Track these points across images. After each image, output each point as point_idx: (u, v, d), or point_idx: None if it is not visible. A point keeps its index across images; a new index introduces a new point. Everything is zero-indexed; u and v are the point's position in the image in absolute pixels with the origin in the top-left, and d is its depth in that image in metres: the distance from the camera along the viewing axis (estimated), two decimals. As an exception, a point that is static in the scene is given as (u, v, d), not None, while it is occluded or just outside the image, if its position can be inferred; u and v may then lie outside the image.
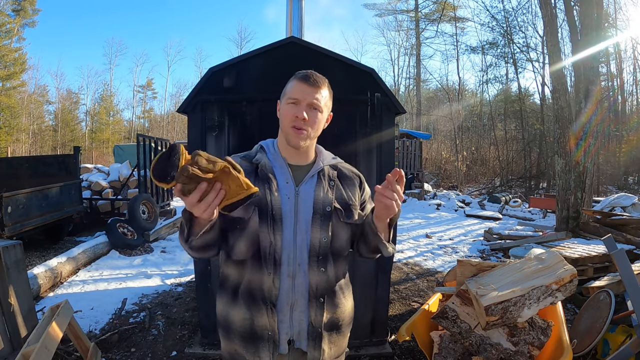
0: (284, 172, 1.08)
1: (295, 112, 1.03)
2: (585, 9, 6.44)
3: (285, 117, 1.05)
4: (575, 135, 6.27)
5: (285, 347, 1.06)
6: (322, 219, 1.05)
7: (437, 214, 9.43)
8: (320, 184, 1.09)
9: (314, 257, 1.05)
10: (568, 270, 1.93)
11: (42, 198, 5.21)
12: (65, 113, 31.05)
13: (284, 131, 1.07)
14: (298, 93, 1.03)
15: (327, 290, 1.08)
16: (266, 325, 1.03)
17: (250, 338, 1.05)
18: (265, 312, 1.03)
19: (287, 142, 1.07)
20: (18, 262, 2.44)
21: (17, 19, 24.65)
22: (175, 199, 10.54)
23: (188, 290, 3.96)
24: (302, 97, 1.03)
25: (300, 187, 1.08)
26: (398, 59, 28.99)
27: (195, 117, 2.48)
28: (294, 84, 1.06)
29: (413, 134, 15.63)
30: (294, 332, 1.07)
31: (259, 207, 1.03)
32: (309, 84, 1.03)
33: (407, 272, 4.77)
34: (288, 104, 1.05)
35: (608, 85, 17.13)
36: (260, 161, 1.09)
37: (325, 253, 1.06)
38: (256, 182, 1.03)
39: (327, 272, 1.07)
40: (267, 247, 1.03)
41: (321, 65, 2.47)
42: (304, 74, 1.05)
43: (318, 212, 1.05)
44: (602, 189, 14.13)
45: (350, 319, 1.18)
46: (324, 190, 1.08)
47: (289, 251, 1.04)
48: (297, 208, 1.06)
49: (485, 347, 1.91)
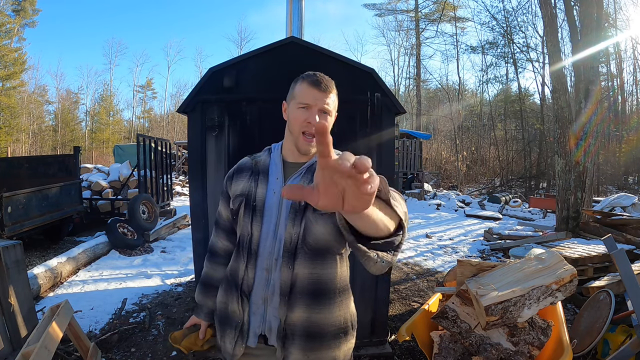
0: (277, 169, 1.10)
1: (306, 118, 1.02)
2: (585, 9, 6.44)
3: (295, 122, 1.04)
4: (575, 135, 6.27)
5: (254, 340, 1.07)
6: (295, 213, 1.03)
7: (437, 214, 9.43)
8: (306, 178, 1.06)
9: (286, 253, 1.02)
10: (568, 270, 1.93)
11: (42, 198, 5.21)
12: (65, 113, 31.07)
13: (294, 135, 1.06)
14: (309, 98, 1.02)
15: (298, 290, 1.02)
16: (236, 312, 1.07)
17: (221, 321, 1.13)
18: (236, 300, 1.08)
19: (296, 147, 1.07)
20: (18, 262, 2.44)
21: (17, 19, 24.66)
22: (175, 199, 10.55)
23: (188, 290, 3.96)
24: (314, 103, 1.02)
25: (287, 183, 1.07)
26: (398, 59, 29.12)
27: (195, 117, 2.48)
28: (304, 88, 1.04)
29: (413, 134, 15.64)
30: (266, 327, 1.06)
31: (246, 199, 1.09)
32: (320, 89, 1.02)
33: (407, 272, 4.77)
34: (299, 109, 1.04)
35: (608, 85, 17.12)
36: (259, 159, 1.15)
37: (294, 249, 1.02)
38: (252, 176, 1.11)
39: (296, 270, 1.02)
40: (244, 237, 1.07)
41: (321, 65, 2.47)
42: (314, 79, 1.03)
43: (294, 206, 1.03)
44: (602, 189, 14.13)
45: (338, 330, 1.06)
46: (306, 183, 1.04)
47: (267, 244, 1.05)
48: (282, 203, 1.06)
49: (485, 347, 1.91)
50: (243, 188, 1.11)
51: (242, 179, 1.13)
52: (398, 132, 14.29)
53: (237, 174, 1.15)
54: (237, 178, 1.14)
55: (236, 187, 1.13)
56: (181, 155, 17.16)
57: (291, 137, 1.08)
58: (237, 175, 1.15)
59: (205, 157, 2.49)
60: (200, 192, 2.47)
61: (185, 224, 7.29)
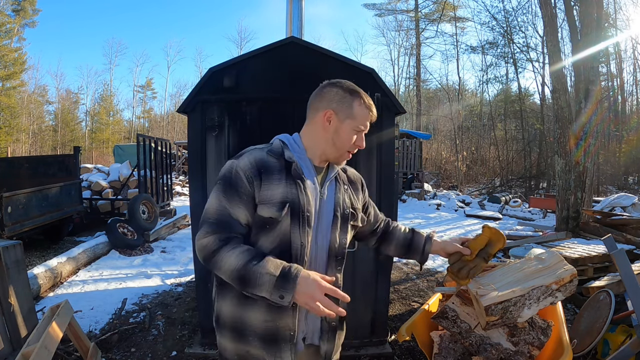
0: (311, 174, 1.09)
1: (359, 143, 1.11)
2: (585, 9, 6.43)
3: (346, 142, 1.09)
4: (575, 135, 6.26)
5: (301, 345, 1.10)
6: (341, 221, 1.11)
7: (437, 214, 9.43)
8: (339, 188, 1.14)
9: (332, 258, 1.11)
10: (568, 270, 1.93)
11: (42, 198, 5.21)
12: (65, 113, 31.07)
13: (338, 151, 1.10)
14: (367, 124, 1.10)
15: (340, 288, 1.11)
16: (289, 325, 1.04)
17: (272, 339, 1.04)
18: (291, 313, 1.04)
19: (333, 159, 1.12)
20: (18, 262, 2.44)
21: (17, 19, 24.67)
22: (175, 199, 10.51)
23: (188, 290, 3.96)
24: (366, 128, 1.11)
25: (323, 190, 1.11)
26: (398, 59, 29.02)
27: (195, 117, 2.48)
28: (365, 113, 1.09)
29: (413, 134, 15.64)
30: (309, 329, 1.11)
31: (292, 207, 1.01)
32: (372, 115, 1.11)
33: (407, 272, 4.77)
34: (354, 131, 1.08)
35: (608, 85, 17.14)
36: (292, 159, 1.06)
37: (342, 254, 1.13)
38: (288, 179, 1.03)
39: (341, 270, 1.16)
40: (298, 248, 1.03)
41: (321, 66, 2.48)
42: (370, 103, 1.10)
43: (337, 215, 1.10)
44: (602, 189, 14.13)
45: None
46: (342, 194, 1.14)
47: (312, 252, 1.08)
48: (320, 210, 1.08)
49: (485, 347, 1.91)
50: (284, 194, 1.01)
51: (276, 181, 1.02)
52: (398, 132, 14.28)
53: (267, 175, 1.02)
54: (269, 180, 1.02)
55: (272, 192, 1.01)
56: (181, 155, 17.15)
57: (332, 148, 1.10)
58: (267, 176, 1.02)
59: (205, 157, 2.48)
60: (200, 192, 2.46)
61: (185, 224, 7.29)
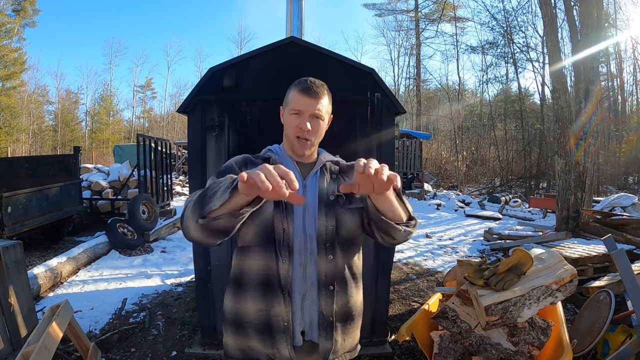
0: (292, 167, 1.13)
1: (298, 124, 1.09)
2: (585, 9, 6.43)
3: (289, 128, 1.12)
4: (575, 135, 6.26)
5: (299, 338, 1.08)
6: (327, 207, 1.10)
7: (437, 214, 9.43)
8: (323, 177, 1.15)
9: (322, 245, 1.08)
10: (568, 270, 1.93)
11: (42, 198, 5.21)
12: (65, 113, 31.07)
13: (289, 140, 1.14)
14: (300, 105, 1.09)
15: (337, 279, 1.10)
16: (282, 314, 1.04)
17: (267, 330, 1.06)
18: (282, 300, 1.04)
19: (292, 150, 1.15)
20: (18, 262, 2.44)
21: (17, 19, 24.67)
22: (175, 199, 10.53)
23: (188, 290, 3.96)
24: (305, 109, 1.08)
25: (307, 180, 1.14)
26: (398, 59, 28.98)
27: (195, 117, 2.48)
28: (295, 95, 1.10)
29: (413, 134, 15.65)
30: (306, 323, 1.08)
31: None
32: (310, 95, 1.08)
33: (407, 272, 4.77)
34: (291, 115, 1.11)
35: (608, 85, 17.14)
36: (269, 157, 1.16)
37: (333, 240, 1.09)
38: None
39: (336, 259, 1.09)
40: (281, 234, 1.06)
41: (321, 66, 2.48)
42: (304, 86, 1.09)
43: (323, 202, 1.10)
44: (602, 189, 14.13)
45: (361, 309, 1.19)
46: (327, 182, 1.15)
47: (300, 240, 1.07)
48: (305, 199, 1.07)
49: (485, 347, 1.91)
50: None
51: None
52: (398, 132, 14.28)
53: (251, 167, 1.06)
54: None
55: None
56: (181, 155, 17.15)
57: (286, 140, 1.16)
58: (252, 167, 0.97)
59: (205, 157, 2.49)
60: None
61: (185, 224, 7.28)
